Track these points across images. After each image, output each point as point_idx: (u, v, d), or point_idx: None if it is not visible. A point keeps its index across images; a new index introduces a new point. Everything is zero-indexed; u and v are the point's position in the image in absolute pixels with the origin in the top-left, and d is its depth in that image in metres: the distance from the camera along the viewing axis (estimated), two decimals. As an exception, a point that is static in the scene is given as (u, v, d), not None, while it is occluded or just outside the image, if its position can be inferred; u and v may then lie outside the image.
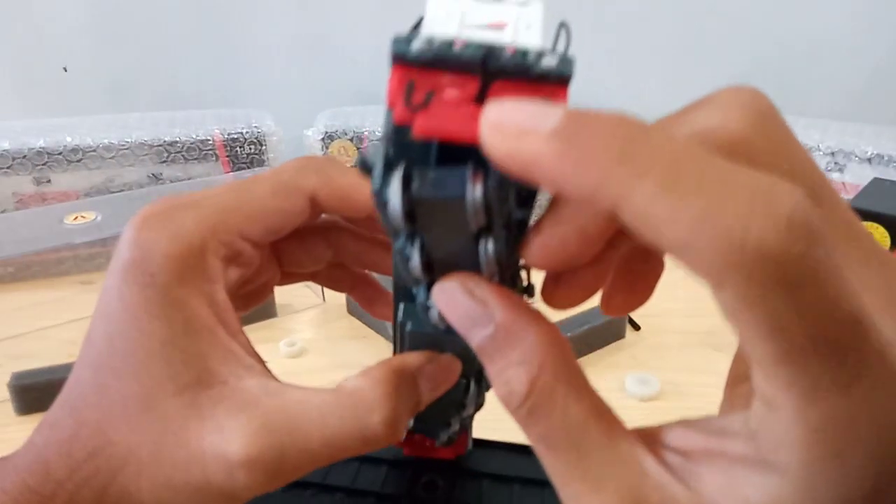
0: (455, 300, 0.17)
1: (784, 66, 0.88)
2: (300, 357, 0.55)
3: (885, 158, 0.66)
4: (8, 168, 0.67)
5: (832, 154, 0.68)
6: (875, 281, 0.15)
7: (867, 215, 0.54)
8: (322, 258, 0.27)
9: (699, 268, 0.12)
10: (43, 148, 0.67)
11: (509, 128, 0.13)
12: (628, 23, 0.87)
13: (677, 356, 0.52)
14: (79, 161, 0.69)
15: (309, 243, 0.26)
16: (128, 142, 0.69)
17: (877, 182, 0.62)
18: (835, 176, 0.69)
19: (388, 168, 0.15)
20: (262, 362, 0.22)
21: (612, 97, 0.86)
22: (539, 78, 0.15)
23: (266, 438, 0.19)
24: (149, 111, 0.79)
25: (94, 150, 0.69)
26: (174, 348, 0.20)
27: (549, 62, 0.15)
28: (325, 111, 0.82)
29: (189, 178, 0.72)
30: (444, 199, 0.15)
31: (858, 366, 0.12)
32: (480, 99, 0.15)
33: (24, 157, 0.67)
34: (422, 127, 0.15)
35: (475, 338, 0.16)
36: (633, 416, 0.47)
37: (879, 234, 0.54)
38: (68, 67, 0.86)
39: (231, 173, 0.69)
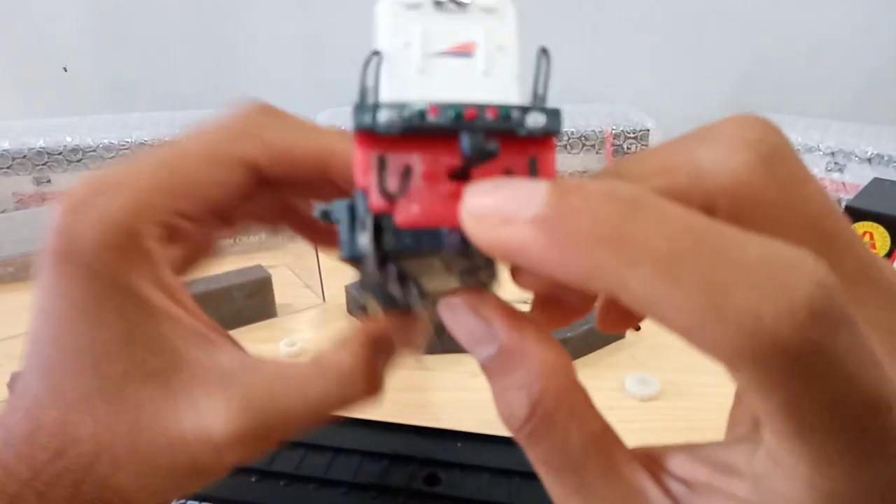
0: (460, 318, 0.16)
1: (784, 66, 0.87)
2: (300, 357, 0.55)
3: (885, 158, 0.65)
4: (8, 168, 0.67)
5: (832, 154, 0.68)
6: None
7: (867, 215, 0.54)
8: (273, 219, 0.25)
9: (710, 353, 0.11)
10: (43, 148, 0.67)
11: (491, 218, 0.13)
12: (628, 22, 0.87)
13: (677, 356, 0.52)
14: (79, 161, 0.68)
15: (257, 204, 0.24)
16: (128, 142, 0.69)
17: (877, 182, 0.62)
18: (835, 176, 0.68)
19: (355, 224, 0.15)
20: (228, 336, 0.21)
21: (612, 97, 0.86)
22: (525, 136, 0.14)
23: (249, 413, 0.19)
24: (149, 111, 0.79)
25: (94, 150, 0.69)
26: (133, 337, 0.19)
27: (535, 122, 0.14)
28: (325, 111, 0.82)
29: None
30: (420, 251, 0.14)
31: (877, 443, 0.12)
32: (463, 174, 0.14)
33: (25, 157, 0.67)
34: (405, 221, 0.14)
35: (479, 356, 0.16)
36: (634, 416, 0.47)
37: (879, 234, 0.54)
38: (68, 67, 0.86)
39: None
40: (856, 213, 0.54)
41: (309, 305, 0.63)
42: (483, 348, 0.16)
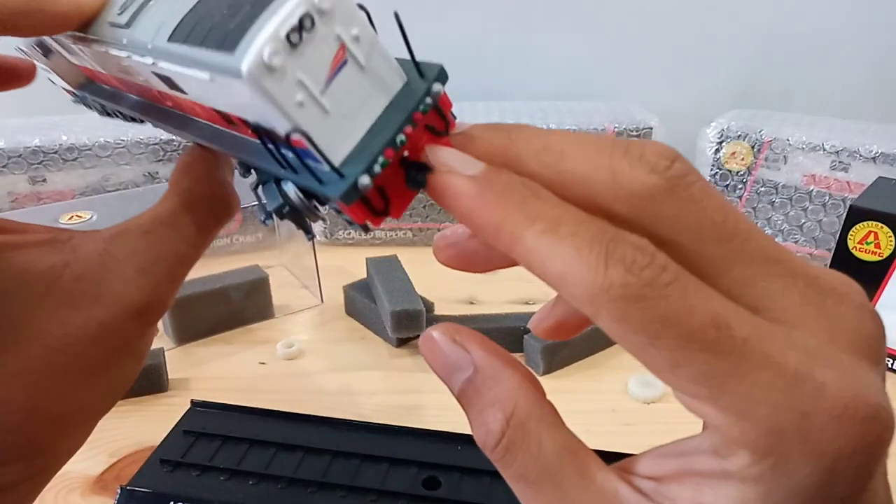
0: (439, 346, 0.18)
1: (789, 65, 0.87)
2: (298, 359, 0.54)
3: (891, 157, 0.65)
4: (3, 167, 0.66)
5: (836, 153, 0.67)
6: (795, 297, 0.15)
7: (872, 215, 0.54)
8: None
9: (575, 301, 0.14)
10: (38, 147, 0.67)
11: (446, 167, 0.17)
12: (632, 20, 0.87)
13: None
14: (74, 160, 0.68)
15: None
16: (123, 140, 0.69)
17: (881, 181, 0.61)
18: (839, 175, 0.68)
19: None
20: (64, 230, 0.21)
21: (612, 96, 0.85)
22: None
23: (148, 273, 0.20)
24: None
25: (89, 149, 0.68)
26: None
27: (437, 88, 0.17)
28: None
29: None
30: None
31: (731, 362, 0.14)
32: (404, 161, 0.17)
33: (20, 155, 0.67)
34: (395, 216, 0.18)
35: (456, 383, 0.18)
36: (636, 418, 0.47)
37: (884, 233, 0.53)
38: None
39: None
40: (860, 213, 0.54)
41: (306, 306, 0.62)
42: (460, 374, 0.18)
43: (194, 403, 0.40)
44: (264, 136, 0.16)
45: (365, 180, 0.16)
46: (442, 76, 0.17)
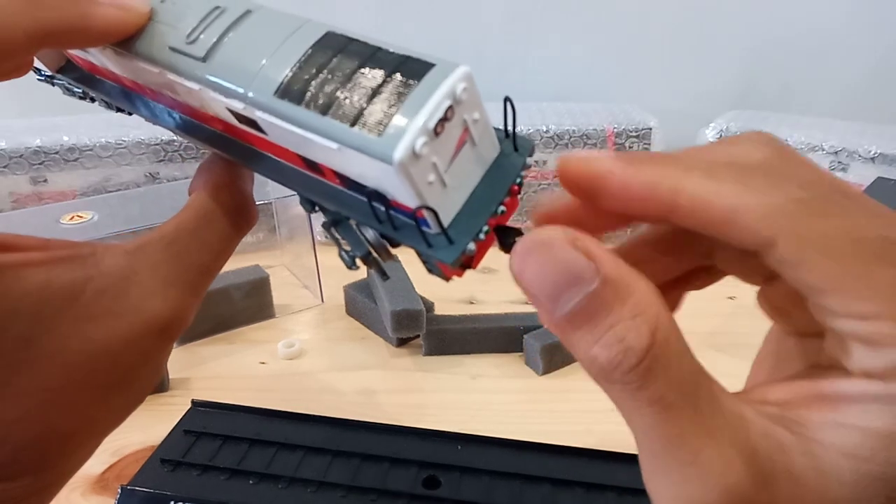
0: (554, 254, 0.15)
1: (787, 65, 0.87)
2: (299, 358, 0.54)
3: (889, 158, 0.65)
4: (4, 167, 0.66)
5: (835, 153, 0.67)
6: None
7: (871, 215, 0.54)
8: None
9: (747, 233, 0.15)
10: (39, 147, 0.67)
11: (578, 158, 0.17)
12: (629, 22, 0.87)
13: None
14: (76, 160, 0.68)
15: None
16: (125, 141, 0.69)
17: (880, 181, 0.61)
18: (838, 175, 0.68)
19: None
20: (84, 243, 0.21)
21: (612, 97, 0.85)
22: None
23: (168, 293, 0.20)
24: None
25: (90, 150, 0.68)
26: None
27: (530, 162, 0.19)
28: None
29: (186, 178, 0.72)
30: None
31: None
32: (497, 227, 0.18)
33: (21, 156, 0.67)
34: (474, 268, 0.18)
35: (571, 299, 0.15)
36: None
37: None
38: (66, 66, 0.85)
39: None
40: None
41: (307, 306, 0.62)
42: (580, 287, 0.15)
43: (195, 403, 0.40)
44: (374, 199, 0.17)
45: (472, 247, 0.17)
46: (532, 150, 0.19)
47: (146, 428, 0.45)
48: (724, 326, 0.47)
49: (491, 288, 0.64)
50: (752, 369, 0.20)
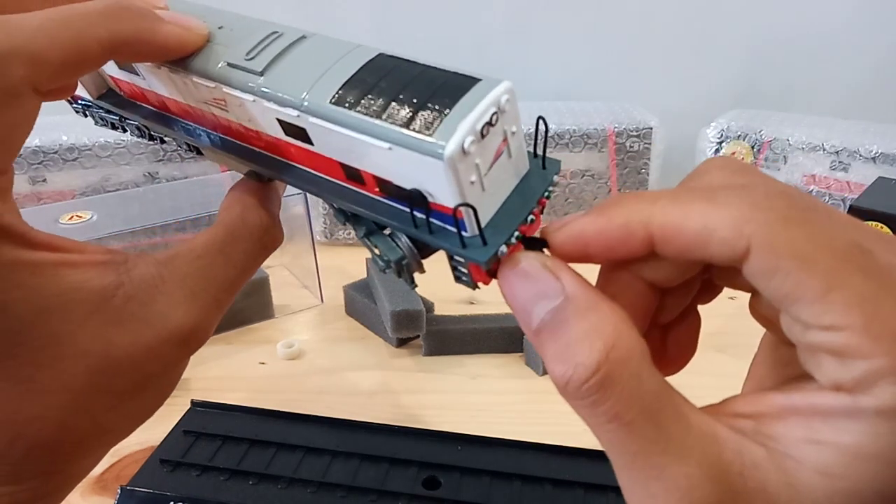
0: (526, 272, 0.18)
1: (788, 64, 0.87)
2: (298, 359, 0.54)
3: (890, 157, 0.65)
4: (3, 167, 0.66)
5: (836, 153, 0.67)
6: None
7: (872, 215, 0.54)
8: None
9: (724, 245, 0.15)
10: (38, 147, 0.67)
11: (556, 230, 0.19)
12: (629, 21, 0.87)
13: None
14: (74, 160, 0.68)
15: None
16: (123, 140, 0.69)
17: (881, 181, 0.61)
18: (839, 175, 0.68)
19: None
20: (105, 249, 0.20)
21: (612, 96, 0.85)
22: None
23: (198, 300, 0.21)
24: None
25: (89, 149, 0.68)
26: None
27: (556, 179, 0.20)
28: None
29: (185, 177, 0.71)
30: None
31: (881, 285, 0.14)
32: (523, 237, 0.19)
33: (20, 156, 0.67)
34: (498, 277, 0.19)
35: (539, 314, 0.17)
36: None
37: (884, 233, 0.53)
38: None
39: (227, 172, 0.68)
40: (860, 213, 0.54)
41: (307, 306, 0.62)
42: (545, 303, 0.17)
43: (194, 403, 0.40)
44: (415, 201, 0.18)
45: (504, 249, 0.18)
46: (559, 170, 0.20)
47: (145, 428, 0.45)
48: (725, 327, 0.47)
49: (491, 288, 0.64)
50: (748, 374, 0.20)
